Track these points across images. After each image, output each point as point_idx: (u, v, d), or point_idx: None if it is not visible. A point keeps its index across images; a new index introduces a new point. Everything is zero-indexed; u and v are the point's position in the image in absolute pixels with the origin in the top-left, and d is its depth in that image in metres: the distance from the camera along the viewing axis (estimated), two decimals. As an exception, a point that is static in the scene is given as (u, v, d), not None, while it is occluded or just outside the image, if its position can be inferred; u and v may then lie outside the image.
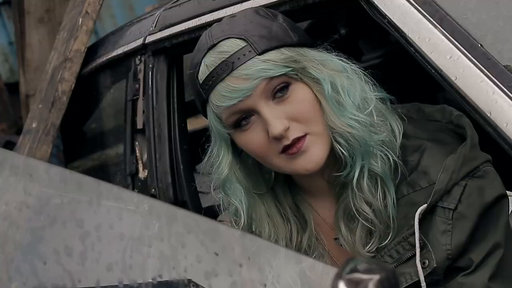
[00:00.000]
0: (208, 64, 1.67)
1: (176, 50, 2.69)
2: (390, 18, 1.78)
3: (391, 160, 1.69)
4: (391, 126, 1.73)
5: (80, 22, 3.29)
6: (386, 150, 1.70)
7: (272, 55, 1.64)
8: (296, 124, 1.65)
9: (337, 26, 3.71)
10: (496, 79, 1.58)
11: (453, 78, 1.64)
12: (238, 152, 1.79)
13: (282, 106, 1.65)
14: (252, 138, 1.68)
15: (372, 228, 1.72)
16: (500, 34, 1.65)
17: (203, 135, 1.84)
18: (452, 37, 1.67)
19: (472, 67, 1.62)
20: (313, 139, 1.66)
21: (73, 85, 3.25)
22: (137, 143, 2.80)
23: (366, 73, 1.74)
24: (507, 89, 1.55)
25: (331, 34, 2.89)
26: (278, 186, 1.84)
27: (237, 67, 1.63)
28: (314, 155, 1.66)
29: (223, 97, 1.64)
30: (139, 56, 2.83)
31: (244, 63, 1.63)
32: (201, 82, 1.69)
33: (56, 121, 3.27)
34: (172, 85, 2.72)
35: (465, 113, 1.68)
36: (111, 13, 8.87)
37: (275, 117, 1.63)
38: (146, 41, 2.78)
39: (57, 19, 4.91)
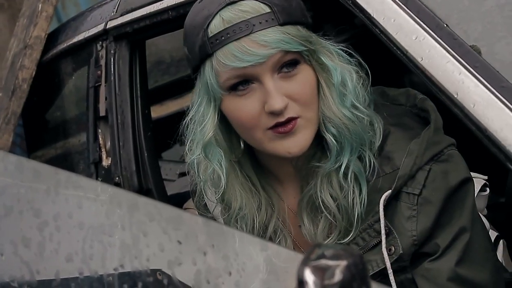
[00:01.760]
0: (226, 18, 1.59)
1: (138, 35, 2.66)
2: (354, -1, 1.77)
3: (372, 161, 1.67)
4: (374, 127, 1.71)
5: (40, 8, 3.23)
6: (366, 150, 1.68)
7: (291, 29, 1.60)
8: (293, 104, 1.61)
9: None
10: (463, 59, 1.57)
11: (419, 59, 1.62)
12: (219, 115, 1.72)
13: (285, 82, 1.61)
14: (245, 106, 1.63)
15: (334, 222, 1.70)
16: (466, 14, 1.64)
17: (168, 122, 1.80)
18: (418, 18, 1.66)
19: (438, 47, 1.60)
20: (303, 123, 1.63)
21: (33, 73, 3.20)
22: (100, 130, 2.77)
23: (368, 70, 1.72)
24: (474, 69, 1.55)
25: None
26: (245, 162, 1.81)
27: (257, 31, 1.57)
28: (301, 140, 1.63)
29: (234, 57, 1.58)
30: (100, 42, 2.80)
31: (264, 29, 1.58)
32: (211, 35, 1.61)
33: (17, 109, 3.21)
34: (135, 71, 2.69)
35: (432, 95, 1.66)
36: (74, 1, 8.78)
37: (277, 92, 1.59)
38: (107, 27, 2.75)
39: (17, 6, 4.84)
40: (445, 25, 1.62)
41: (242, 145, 1.77)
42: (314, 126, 1.66)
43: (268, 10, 1.59)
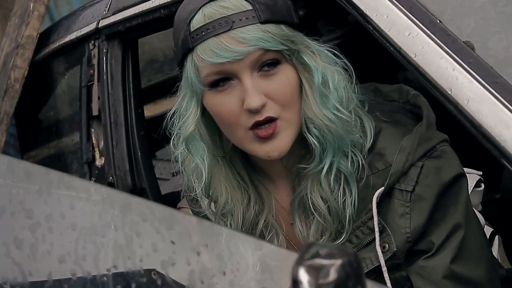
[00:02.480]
0: (207, 14, 1.60)
1: (131, 34, 2.65)
2: (347, -5, 1.76)
3: (360, 162, 1.66)
4: (364, 128, 1.70)
5: (31, 7, 3.21)
6: (355, 151, 1.67)
7: (272, 28, 1.59)
8: (272, 103, 1.61)
9: (295, 7, 3.68)
10: (456, 55, 1.56)
11: (412, 56, 1.61)
12: (204, 108, 1.72)
13: (265, 81, 1.61)
14: (225, 102, 1.63)
15: (325, 224, 1.70)
16: (459, 9, 1.63)
17: (161, 121, 1.80)
18: (411, 13, 1.65)
19: (432, 43, 1.59)
20: (283, 125, 1.62)
21: (26, 72, 3.18)
22: (93, 130, 2.76)
23: (353, 71, 1.71)
24: (468, 65, 1.53)
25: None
26: (235, 158, 1.80)
27: (236, 28, 1.57)
28: (281, 143, 1.62)
29: (212, 52, 1.58)
30: (92, 41, 2.79)
31: (244, 26, 1.57)
32: (192, 30, 1.61)
33: (10, 109, 3.20)
34: (128, 70, 2.68)
35: (425, 91, 1.65)
36: (67, -1, 8.78)
37: (256, 90, 1.59)
38: (100, 25, 2.74)
39: (9, 5, 4.82)
40: (438, 21, 1.61)
41: (231, 142, 1.76)
42: (295, 127, 1.65)
43: (249, 7, 1.59)
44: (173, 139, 1.77)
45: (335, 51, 1.70)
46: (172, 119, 1.75)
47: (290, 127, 1.64)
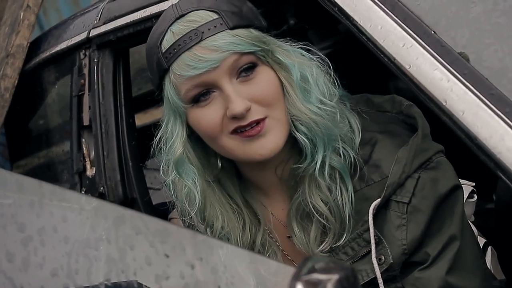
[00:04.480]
0: (175, 31, 1.62)
1: (122, 43, 2.64)
2: (340, 6, 1.75)
3: (352, 157, 1.66)
4: (350, 124, 1.69)
5: (21, 16, 3.20)
6: (346, 146, 1.66)
7: (242, 32, 1.61)
8: (257, 106, 1.61)
9: (286, 16, 3.68)
10: (451, 67, 1.55)
11: (407, 67, 1.61)
12: (189, 132, 1.73)
13: (245, 86, 1.61)
14: (207, 114, 1.63)
15: (327, 225, 1.69)
16: (453, 20, 1.62)
17: (153, 130, 1.78)
18: (405, 25, 1.64)
19: (426, 54, 1.59)
20: (272, 123, 1.62)
21: (16, 82, 3.16)
22: (83, 140, 2.74)
23: (330, 65, 1.72)
24: (462, 77, 1.53)
25: (281, 25, 2.88)
26: (225, 180, 1.79)
27: (206, 37, 1.59)
28: (271, 141, 1.62)
29: (187, 66, 1.59)
30: (83, 50, 2.77)
31: (214, 34, 1.59)
32: (164, 50, 1.63)
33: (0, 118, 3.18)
34: (119, 80, 2.67)
35: (420, 102, 1.65)
36: (56, 7, 8.74)
37: (238, 95, 1.59)
38: (91, 35, 2.73)
39: (-1, 14, 4.79)
40: (433, 32, 1.61)
41: (219, 164, 1.75)
42: (285, 126, 1.65)
43: (216, 16, 1.61)
44: (162, 167, 1.76)
45: (309, 47, 1.71)
46: (159, 146, 1.74)
47: (279, 126, 1.63)
